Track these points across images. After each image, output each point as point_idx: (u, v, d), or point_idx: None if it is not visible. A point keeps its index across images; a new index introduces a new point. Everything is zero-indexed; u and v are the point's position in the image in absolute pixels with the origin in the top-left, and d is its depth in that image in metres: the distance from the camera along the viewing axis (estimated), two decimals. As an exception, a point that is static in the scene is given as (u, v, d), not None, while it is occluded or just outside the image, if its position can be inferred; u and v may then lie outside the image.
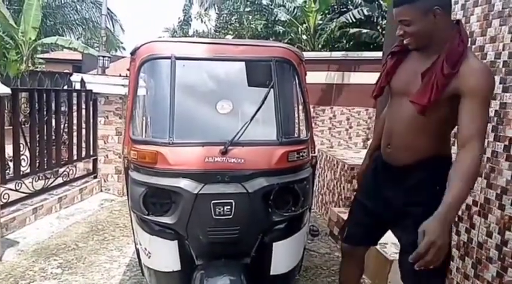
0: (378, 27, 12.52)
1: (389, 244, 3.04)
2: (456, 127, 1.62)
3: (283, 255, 2.12)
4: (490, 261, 2.15)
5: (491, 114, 2.18)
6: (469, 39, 2.38)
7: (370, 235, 2.13)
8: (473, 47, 2.34)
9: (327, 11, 13.46)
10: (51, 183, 4.48)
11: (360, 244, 2.16)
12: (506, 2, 2.12)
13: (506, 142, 2.07)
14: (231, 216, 1.98)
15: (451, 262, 2.45)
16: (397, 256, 2.94)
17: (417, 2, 1.59)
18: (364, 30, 12.06)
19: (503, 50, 2.13)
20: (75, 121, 4.86)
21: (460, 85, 1.55)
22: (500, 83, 2.14)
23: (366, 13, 12.28)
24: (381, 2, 12.33)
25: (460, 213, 2.39)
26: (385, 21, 10.11)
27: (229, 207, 1.97)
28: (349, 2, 13.23)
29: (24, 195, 4.04)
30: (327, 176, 4.91)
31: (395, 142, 1.83)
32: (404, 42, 1.70)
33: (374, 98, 1.97)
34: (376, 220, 1.99)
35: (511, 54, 2.08)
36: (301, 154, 2.17)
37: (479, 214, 2.24)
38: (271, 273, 2.10)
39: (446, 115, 1.63)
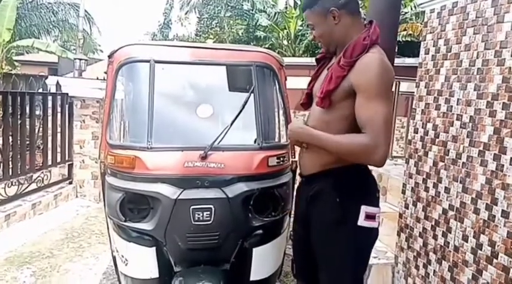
0: (357, 34, 12.73)
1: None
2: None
3: (263, 260, 2.11)
4: (466, 264, 2.19)
5: (466, 120, 2.23)
6: (441, 49, 2.44)
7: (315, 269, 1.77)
8: (449, 54, 2.40)
9: (307, 18, 13.62)
10: (25, 189, 4.35)
11: (313, 281, 1.78)
12: (479, 11, 2.18)
13: (481, 147, 2.12)
14: (210, 222, 1.96)
15: (428, 266, 2.49)
16: (375, 261, 2.98)
17: (315, 6, 1.66)
18: (343, 37, 12.26)
19: (477, 57, 2.19)
20: (50, 125, 4.74)
21: (353, 80, 1.56)
22: (474, 90, 2.19)
23: (344, 20, 12.49)
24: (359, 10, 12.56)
25: (436, 217, 2.43)
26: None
27: (208, 213, 1.95)
28: (329, 9, 13.42)
29: (-4, 201, 3.91)
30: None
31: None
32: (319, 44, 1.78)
33: (301, 106, 1.94)
34: (309, 247, 1.75)
35: (484, 61, 2.13)
36: (281, 159, 2.18)
37: (455, 218, 2.28)
38: (251, 279, 2.09)
39: (347, 114, 1.59)
